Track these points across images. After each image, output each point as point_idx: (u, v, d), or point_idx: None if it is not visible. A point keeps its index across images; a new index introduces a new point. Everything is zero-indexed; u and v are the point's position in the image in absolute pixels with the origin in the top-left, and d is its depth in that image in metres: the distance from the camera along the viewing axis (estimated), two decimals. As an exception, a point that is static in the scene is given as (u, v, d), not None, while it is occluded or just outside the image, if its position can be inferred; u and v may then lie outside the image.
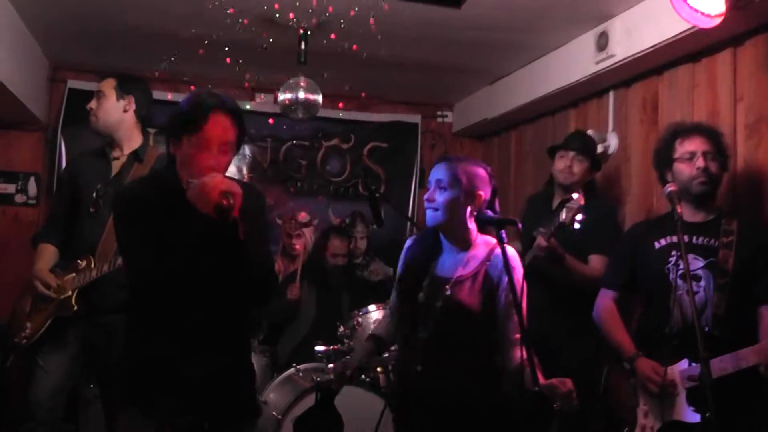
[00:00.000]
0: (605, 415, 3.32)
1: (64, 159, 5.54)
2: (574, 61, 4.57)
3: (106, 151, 3.67)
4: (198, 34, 4.52)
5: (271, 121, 5.78)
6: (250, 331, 4.31)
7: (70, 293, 3.46)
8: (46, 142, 5.73)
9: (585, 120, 4.98)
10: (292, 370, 4.31)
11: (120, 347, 2.55)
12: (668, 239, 3.18)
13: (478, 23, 4.33)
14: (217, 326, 2.45)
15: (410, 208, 6.43)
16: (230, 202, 2.24)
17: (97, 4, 4.26)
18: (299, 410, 3.97)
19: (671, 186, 3.03)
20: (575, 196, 3.36)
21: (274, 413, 4.01)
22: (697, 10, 3.11)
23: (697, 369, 2.88)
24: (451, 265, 2.80)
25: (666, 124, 3.88)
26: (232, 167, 5.19)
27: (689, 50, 3.89)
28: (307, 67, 4.54)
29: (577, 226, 3.34)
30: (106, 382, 3.56)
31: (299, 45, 4.43)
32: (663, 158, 3.24)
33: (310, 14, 4.23)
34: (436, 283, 2.77)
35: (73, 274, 3.48)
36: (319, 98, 4.63)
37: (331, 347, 4.29)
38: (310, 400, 3.98)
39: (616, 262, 3.46)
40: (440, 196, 2.74)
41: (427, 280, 2.79)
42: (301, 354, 4.61)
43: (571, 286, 3.78)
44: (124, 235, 2.46)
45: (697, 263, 3.06)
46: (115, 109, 3.63)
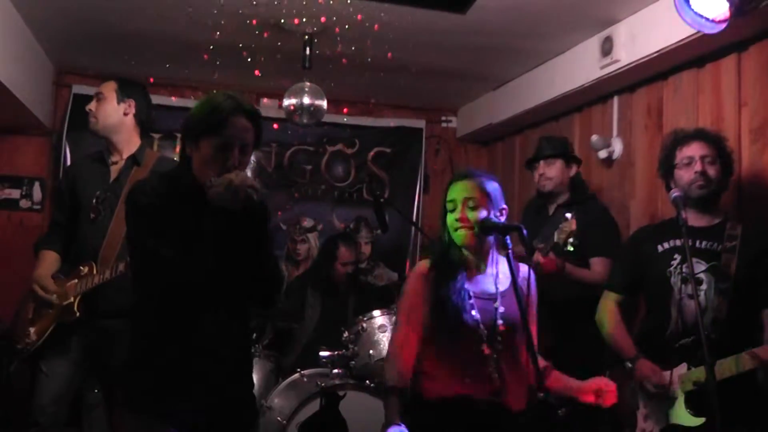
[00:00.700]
0: (611, 420, 3.33)
1: (69, 164, 5.52)
2: (579, 67, 4.57)
3: (104, 155, 3.64)
4: (203, 39, 4.54)
5: (275, 126, 5.79)
6: (252, 335, 4.33)
7: (72, 299, 3.44)
8: (51, 147, 5.73)
9: (589, 125, 4.98)
10: (297, 376, 4.30)
11: (123, 351, 2.54)
12: (671, 243, 3.20)
13: (482, 28, 4.33)
14: (226, 329, 2.46)
15: (414, 213, 6.37)
16: (257, 196, 2.32)
17: (101, 9, 4.27)
18: (304, 415, 3.97)
19: (676, 191, 3.05)
20: (569, 216, 3.32)
21: (279, 418, 4.00)
22: (702, 16, 3.11)
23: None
24: (485, 281, 2.75)
25: (670, 130, 3.90)
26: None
27: (694, 55, 3.89)
28: (312, 72, 4.55)
29: (571, 249, 3.34)
30: (110, 386, 3.55)
31: (304, 50, 4.44)
32: (665, 166, 3.26)
33: (315, 20, 4.24)
34: (483, 301, 2.70)
35: (76, 281, 3.45)
36: (324, 103, 4.64)
37: (336, 352, 4.29)
38: (314, 406, 3.98)
39: (619, 265, 3.49)
40: (472, 214, 2.67)
41: (464, 301, 2.68)
42: (306, 359, 4.60)
43: (573, 293, 3.79)
44: (143, 232, 2.40)
45: (699, 267, 3.06)
46: (115, 112, 3.61)
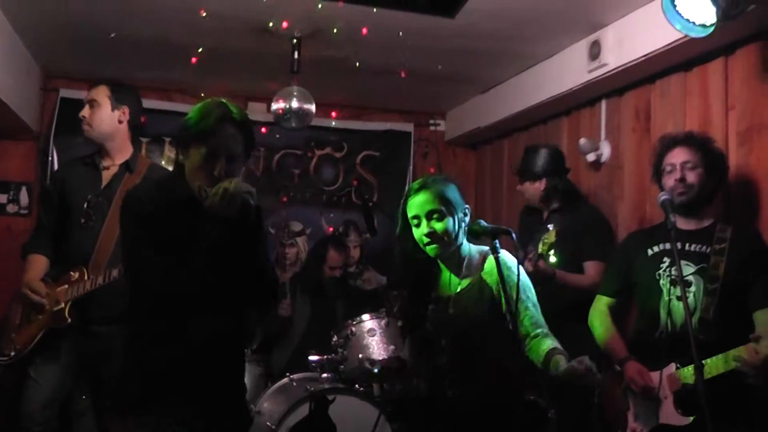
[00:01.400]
0: (603, 422, 3.35)
1: (57, 167, 5.48)
2: (567, 70, 4.59)
3: (96, 160, 3.63)
4: (191, 42, 4.53)
5: (263, 129, 5.77)
6: (245, 341, 4.31)
7: (63, 305, 3.42)
8: (38, 151, 5.68)
9: (578, 128, 5.00)
10: (286, 380, 4.30)
11: (116, 358, 2.54)
12: (661, 246, 3.25)
13: (470, 32, 4.34)
14: (220, 336, 2.45)
15: (403, 217, 6.38)
16: (253, 201, 2.35)
17: (89, 13, 4.25)
18: (293, 420, 3.96)
19: (664, 194, 3.09)
20: (550, 227, 3.41)
21: (268, 423, 3.99)
22: (690, 20, 3.13)
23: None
24: (449, 282, 2.78)
25: (658, 134, 3.93)
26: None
27: (681, 59, 3.91)
28: (301, 75, 4.55)
29: (553, 260, 3.45)
30: (100, 392, 3.53)
31: (292, 54, 4.44)
32: (655, 172, 3.32)
33: (304, 23, 4.24)
34: (442, 303, 2.72)
35: (66, 286, 3.44)
36: (312, 107, 4.63)
37: (325, 356, 4.28)
38: (304, 410, 3.97)
39: (610, 270, 3.54)
40: (439, 226, 2.66)
41: (432, 305, 2.72)
42: (295, 363, 4.60)
43: (568, 299, 3.82)
44: (138, 239, 2.39)
45: (688, 269, 3.11)
46: (110, 119, 3.59)
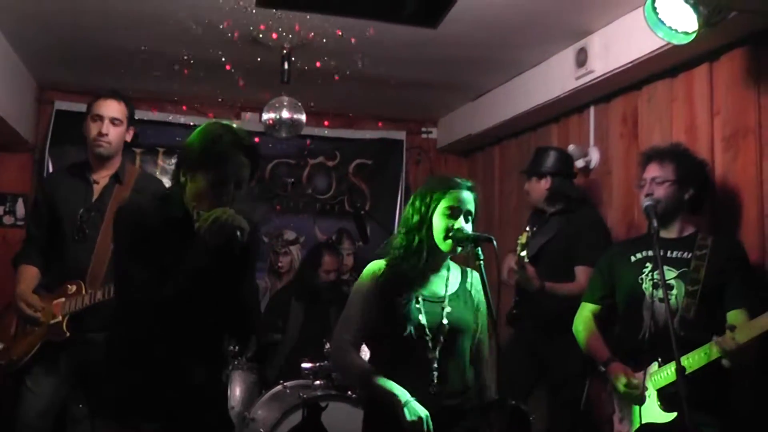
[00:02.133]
0: (591, 427, 3.38)
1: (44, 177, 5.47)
2: (555, 77, 4.63)
3: (86, 172, 3.59)
4: (183, 53, 4.57)
5: (257, 139, 5.80)
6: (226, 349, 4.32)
7: (60, 318, 3.39)
8: (34, 163, 5.72)
9: (566, 135, 5.03)
10: (280, 387, 4.32)
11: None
12: (643, 253, 3.33)
13: (455, 41, 4.38)
14: (200, 345, 2.47)
15: (395, 225, 6.40)
16: (242, 237, 2.31)
17: (83, 26, 4.29)
18: (286, 426, 3.99)
19: (647, 200, 3.20)
20: (527, 229, 3.74)
21: (262, 430, 4.02)
22: (672, 28, 3.18)
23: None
24: (435, 282, 2.79)
25: (646, 140, 4.06)
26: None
27: (667, 65, 3.95)
28: (292, 85, 4.58)
29: (527, 260, 3.69)
30: (96, 400, 3.53)
31: (282, 65, 4.47)
32: (638, 185, 3.40)
33: (293, 34, 4.28)
34: (432, 304, 2.74)
35: (63, 299, 3.41)
36: (303, 117, 4.68)
37: (318, 364, 4.31)
38: (297, 417, 4.00)
39: (595, 277, 3.59)
40: (468, 227, 2.70)
41: (418, 304, 2.72)
42: (289, 371, 4.62)
43: (552, 310, 3.87)
44: (128, 250, 2.40)
45: (669, 274, 3.17)
46: (123, 137, 3.61)
